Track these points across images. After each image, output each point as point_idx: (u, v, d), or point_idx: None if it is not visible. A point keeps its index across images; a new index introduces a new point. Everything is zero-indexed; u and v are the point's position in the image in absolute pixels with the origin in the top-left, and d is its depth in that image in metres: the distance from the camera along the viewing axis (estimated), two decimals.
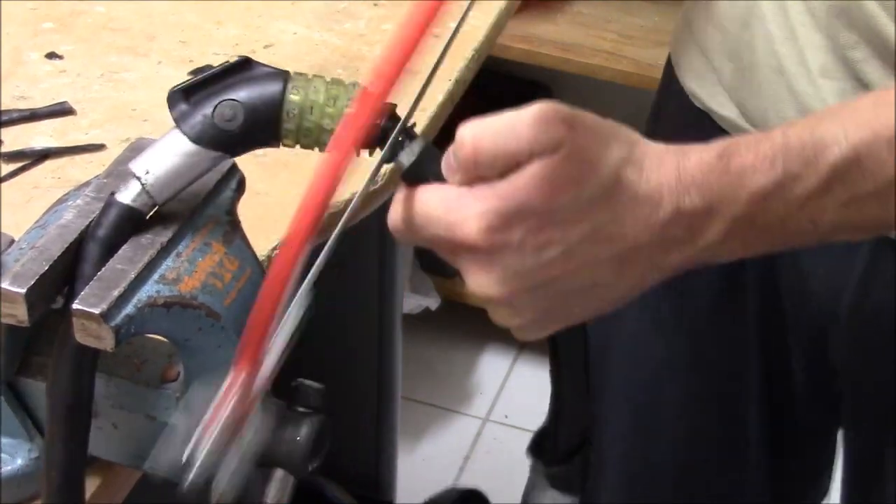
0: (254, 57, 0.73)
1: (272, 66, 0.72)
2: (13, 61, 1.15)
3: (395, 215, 0.69)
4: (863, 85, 0.87)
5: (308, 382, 0.77)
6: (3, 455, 0.79)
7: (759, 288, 1.02)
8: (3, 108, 1.09)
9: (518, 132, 0.65)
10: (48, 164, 1.05)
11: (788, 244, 0.72)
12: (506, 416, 2.27)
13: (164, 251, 0.72)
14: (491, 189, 0.65)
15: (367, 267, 1.78)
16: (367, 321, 1.82)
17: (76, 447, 0.73)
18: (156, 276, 0.71)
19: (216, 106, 0.71)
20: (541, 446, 0.82)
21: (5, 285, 0.70)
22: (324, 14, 1.22)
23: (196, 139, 0.71)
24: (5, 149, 1.05)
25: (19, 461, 0.79)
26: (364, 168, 1.07)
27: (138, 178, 0.72)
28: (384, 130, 0.70)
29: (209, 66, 1.12)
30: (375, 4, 1.23)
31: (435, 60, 0.69)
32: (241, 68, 0.72)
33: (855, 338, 0.98)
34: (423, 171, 0.69)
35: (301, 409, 0.76)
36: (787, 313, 1.01)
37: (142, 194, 0.72)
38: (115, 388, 0.77)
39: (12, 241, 0.76)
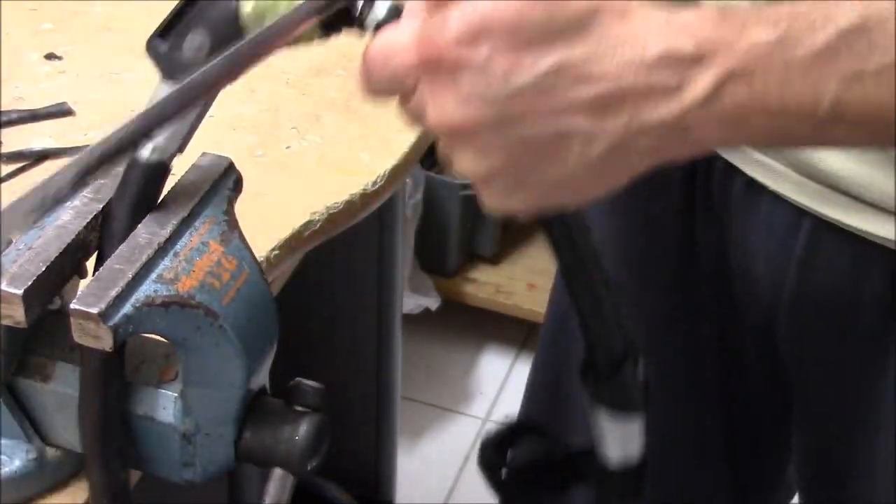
0: None
1: None
2: (12, 62, 1.15)
3: (362, 61, 0.66)
4: None
5: (307, 382, 0.77)
6: (2, 457, 0.79)
7: (712, 279, 1.00)
8: (2, 109, 1.09)
9: None
10: (47, 165, 1.05)
11: (787, 129, 0.67)
12: (506, 417, 2.26)
13: (161, 251, 0.72)
14: (455, 5, 0.63)
15: (367, 267, 1.79)
16: (367, 321, 1.82)
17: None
18: (153, 276, 0.71)
19: (184, 42, 0.71)
20: (587, 371, 0.79)
21: (3, 286, 0.70)
22: None
23: (177, 80, 0.70)
24: (4, 149, 1.05)
25: (17, 462, 0.80)
26: (364, 169, 1.08)
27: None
28: None
29: None
30: None
31: None
32: None
33: (798, 324, 0.95)
34: None
35: (300, 409, 0.76)
36: (737, 299, 0.99)
37: (155, 151, 0.73)
38: None
39: (10, 242, 0.76)
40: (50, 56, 1.17)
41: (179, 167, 0.77)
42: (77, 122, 1.09)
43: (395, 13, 0.67)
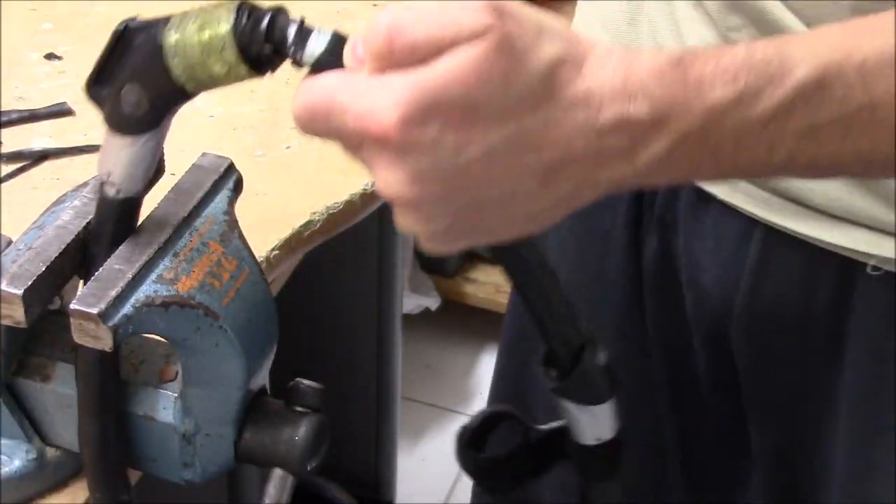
0: None
1: (149, 22, 0.69)
2: (12, 62, 1.15)
3: (296, 103, 0.62)
4: None
5: (307, 382, 0.77)
6: (2, 457, 0.80)
7: (659, 290, 0.99)
8: (2, 109, 1.09)
9: (440, 18, 0.60)
10: (47, 165, 1.05)
11: (735, 174, 0.66)
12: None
13: (161, 251, 0.72)
14: (407, 77, 0.59)
15: (367, 267, 1.79)
16: (367, 321, 1.82)
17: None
18: (153, 276, 0.71)
19: (120, 95, 0.68)
20: (549, 364, 0.78)
21: (3, 286, 0.70)
22: (323, 14, 1.22)
23: (122, 132, 0.69)
24: (4, 149, 1.05)
25: (17, 462, 0.80)
26: (363, 169, 1.08)
27: (106, 182, 0.72)
28: (270, 31, 0.65)
29: None
30: (375, 5, 1.23)
31: None
32: (125, 38, 0.69)
33: (751, 335, 0.94)
34: (337, 64, 0.63)
35: (299, 409, 0.76)
36: (686, 310, 0.97)
37: (119, 193, 0.72)
38: None
39: (10, 242, 0.76)
40: (50, 56, 1.17)
41: (180, 167, 0.77)
42: (77, 122, 1.09)
43: (336, 46, 0.63)
